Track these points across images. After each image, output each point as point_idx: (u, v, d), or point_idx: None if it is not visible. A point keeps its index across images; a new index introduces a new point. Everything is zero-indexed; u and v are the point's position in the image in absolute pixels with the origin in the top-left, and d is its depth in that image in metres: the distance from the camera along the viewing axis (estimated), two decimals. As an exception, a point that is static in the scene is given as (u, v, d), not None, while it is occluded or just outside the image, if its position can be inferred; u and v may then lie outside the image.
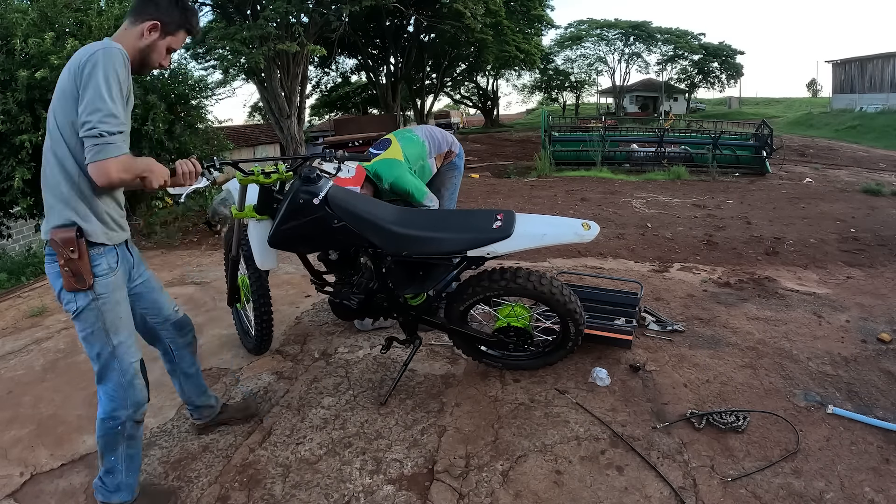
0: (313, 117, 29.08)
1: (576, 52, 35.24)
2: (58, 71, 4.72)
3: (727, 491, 1.72)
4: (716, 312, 3.10)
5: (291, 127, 12.80)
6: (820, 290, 3.48)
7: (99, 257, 1.54)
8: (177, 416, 2.30)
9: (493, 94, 34.16)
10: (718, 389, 2.29)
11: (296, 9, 10.91)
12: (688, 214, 5.94)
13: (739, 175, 9.17)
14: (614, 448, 1.95)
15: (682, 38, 32.75)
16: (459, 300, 2.24)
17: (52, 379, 2.70)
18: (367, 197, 2.46)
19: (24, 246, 7.71)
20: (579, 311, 2.23)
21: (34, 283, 4.49)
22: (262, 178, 2.15)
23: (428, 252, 2.10)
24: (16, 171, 4.77)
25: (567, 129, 12.75)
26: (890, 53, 20.52)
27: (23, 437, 2.21)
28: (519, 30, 23.70)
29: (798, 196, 7.02)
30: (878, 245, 4.57)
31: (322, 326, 3.11)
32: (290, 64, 12.29)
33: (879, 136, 16.37)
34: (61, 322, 3.45)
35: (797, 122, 23.63)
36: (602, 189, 7.74)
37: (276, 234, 2.11)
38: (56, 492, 1.89)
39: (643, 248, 4.61)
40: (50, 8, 5.28)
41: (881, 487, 1.72)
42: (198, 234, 5.86)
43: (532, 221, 2.10)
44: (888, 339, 2.70)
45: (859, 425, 2.02)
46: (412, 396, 2.34)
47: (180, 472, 1.95)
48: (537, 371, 2.45)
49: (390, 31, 21.40)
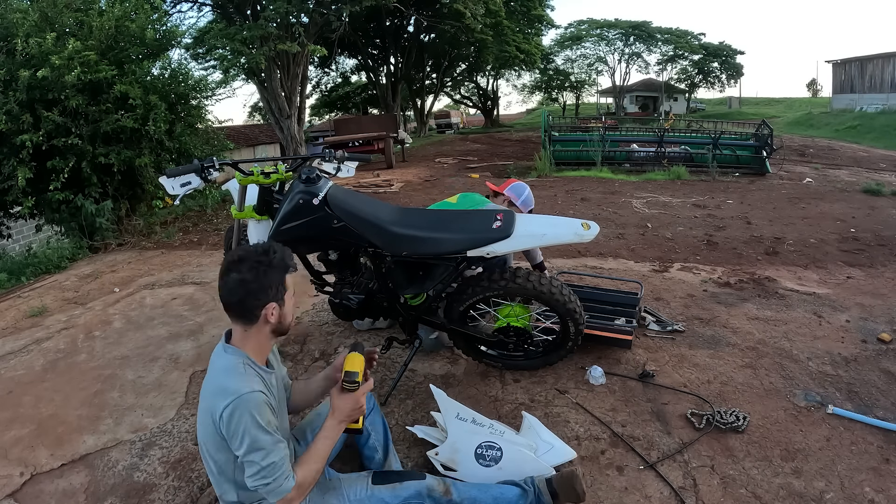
0: (313, 117, 29.09)
1: (576, 52, 35.22)
2: (58, 71, 4.77)
3: (727, 491, 1.72)
4: (716, 312, 3.10)
5: (291, 127, 12.81)
6: (820, 290, 3.48)
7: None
8: (177, 416, 2.30)
9: (493, 94, 34.14)
10: (719, 389, 2.29)
11: (296, 9, 10.93)
12: (688, 214, 5.94)
13: (739, 175, 9.16)
14: (614, 448, 1.95)
15: (682, 38, 32.71)
16: (459, 300, 2.24)
17: (52, 379, 2.70)
18: (367, 197, 2.46)
19: (24, 246, 7.70)
20: (579, 310, 2.23)
21: (34, 283, 4.50)
22: (262, 179, 2.16)
23: (428, 252, 2.10)
24: (17, 170, 4.78)
25: (567, 129, 12.72)
26: (890, 53, 20.51)
27: (23, 437, 2.21)
28: (519, 30, 23.71)
29: (798, 196, 7.02)
30: (878, 245, 4.57)
31: (322, 326, 3.11)
32: (290, 64, 12.30)
33: (879, 136, 16.36)
34: (61, 322, 3.45)
35: (797, 122, 23.62)
36: (602, 189, 7.73)
37: (275, 234, 2.11)
38: (56, 492, 1.90)
39: (643, 248, 4.61)
40: (50, 8, 5.28)
41: (881, 487, 1.72)
42: (198, 235, 5.86)
43: (532, 221, 2.10)
44: (888, 339, 2.69)
45: (859, 425, 2.02)
46: (412, 396, 2.34)
47: (180, 472, 1.95)
48: (537, 371, 2.45)
49: (390, 31, 21.42)
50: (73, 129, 5.09)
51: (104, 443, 2.15)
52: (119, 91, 5.21)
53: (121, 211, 5.94)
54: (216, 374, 1.41)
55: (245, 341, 1.45)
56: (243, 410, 1.31)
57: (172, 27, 6.77)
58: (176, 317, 3.42)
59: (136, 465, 2.01)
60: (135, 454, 2.07)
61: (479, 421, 1.76)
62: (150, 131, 5.48)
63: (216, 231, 5.95)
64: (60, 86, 4.91)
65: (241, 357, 1.42)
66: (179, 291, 3.90)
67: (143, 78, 5.76)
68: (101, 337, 3.18)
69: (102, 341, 3.11)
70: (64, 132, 5.04)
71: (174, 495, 1.84)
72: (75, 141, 5.01)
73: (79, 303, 3.83)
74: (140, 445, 2.12)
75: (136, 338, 3.13)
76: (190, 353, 2.89)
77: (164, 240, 5.64)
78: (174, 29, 6.70)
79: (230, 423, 1.30)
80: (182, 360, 2.83)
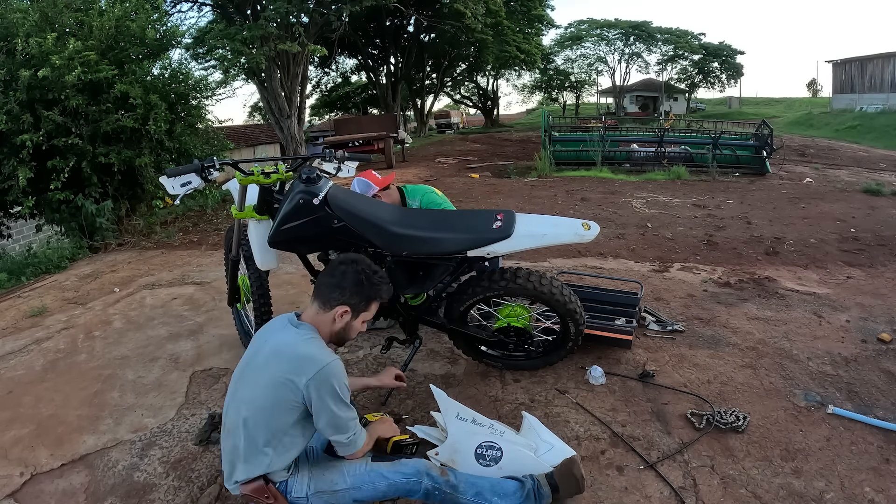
0: (313, 117, 29.08)
1: (576, 52, 35.19)
2: (59, 71, 4.77)
3: (727, 491, 1.72)
4: (716, 312, 3.10)
5: (291, 127, 12.80)
6: (820, 290, 3.48)
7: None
8: (177, 416, 2.30)
9: (493, 94, 34.13)
10: (719, 389, 2.29)
11: (296, 9, 10.93)
12: (688, 214, 5.94)
13: (739, 175, 9.16)
14: (614, 448, 1.95)
15: (682, 38, 32.70)
16: (459, 300, 2.24)
17: (52, 379, 2.70)
18: (367, 197, 2.46)
19: (24, 246, 7.70)
20: (579, 310, 2.23)
21: (34, 283, 4.50)
22: (262, 179, 2.15)
23: (428, 252, 2.10)
24: (18, 170, 4.78)
25: (567, 129, 12.72)
26: (890, 53, 20.49)
27: (23, 437, 2.21)
28: (519, 30, 23.72)
29: (798, 196, 7.02)
30: (878, 245, 4.56)
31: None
32: (290, 64, 12.30)
33: (879, 136, 16.36)
34: (61, 322, 3.45)
35: (797, 121, 23.61)
36: (602, 189, 7.73)
37: (276, 234, 2.11)
38: (56, 492, 1.90)
39: (643, 248, 4.61)
40: (51, 8, 5.28)
41: (881, 487, 1.72)
42: (198, 235, 5.86)
43: (532, 221, 2.10)
44: (888, 339, 2.69)
45: (859, 425, 2.02)
46: (412, 396, 2.34)
47: (180, 472, 1.95)
48: (537, 371, 2.45)
49: (390, 31, 21.41)
50: (73, 128, 5.09)
51: (104, 443, 2.15)
52: (119, 91, 5.22)
53: (121, 211, 5.94)
54: (294, 344, 1.50)
55: (317, 321, 1.57)
56: (335, 374, 1.46)
57: (173, 27, 6.78)
58: (176, 317, 3.42)
59: (136, 465, 2.01)
60: (135, 454, 2.07)
61: (479, 421, 1.76)
62: (150, 131, 5.48)
63: (216, 231, 5.96)
64: (61, 86, 4.91)
65: (316, 332, 1.55)
66: (179, 291, 3.90)
67: (144, 78, 5.76)
68: (101, 337, 3.18)
69: (102, 341, 3.11)
70: (64, 132, 5.04)
71: (174, 495, 1.85)
72: (75, 141, 5.01)
73: (79, 303, 3.83)
74: (140, 445, 2.12)
75: (136, 338, 3.13)
76: (190, 353, 2.89)
77: (165, 240, 5.64)
78: (174, 29, 6.71)
79: (320, 389, 1.43)
80: (182, 360, 2.83)
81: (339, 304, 1.56)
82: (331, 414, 1.45)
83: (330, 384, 1.44)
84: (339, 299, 1.56)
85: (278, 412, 1.46)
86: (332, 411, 1.45)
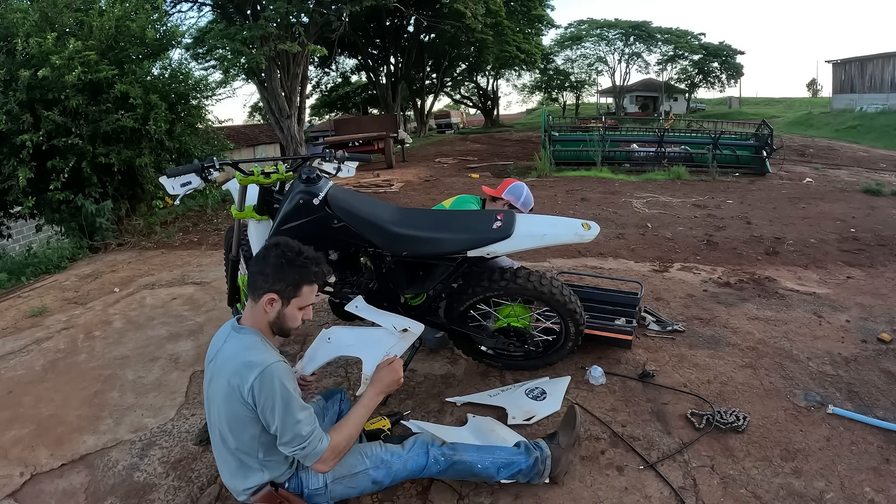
0: (313, 117, 29.06)
1: (576, 52, 35.18)
2: (59, 71, 4.77)
3: (727, 491, 1.72)
4: (716, 312, 3.10)
5: (291, 127, 12.80)
6: (820, 290, 3.48)
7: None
8: (177, 416, 2.30)
9: (493, 94, 34.12)
10: (719, 389, 2.29)
11: (296, 9, 10.92)
12: (688, 214, 5.94)
13: (739, 175, 9.16)
14: (614, 448, 1.95)
15: (682, 38, 32.69)
16: (459, 300, 2.23)
17: (52, 379, 2.70)
18: (368, 197, 2.46)
19: (24, 246, 7.70)
20: (579, 311, 2.23)
21: (34, 283, 4.50)
22: (262, 179, 2.15)
23: (428, 252, 2.10)
24: (18, 170, 4.78)
25: (567, 129, 12.72)
26: (890, 53, 20.49)
27: (23, 437, 2.21)
28: (519, 30, 23.70)
29: (798, 196, 7.02)
30: (878, 245, 4.56)
31: (322, 326, 3.10)
32: (290, 64, 12.29)
33: (879, 136, 16.35)
34: (61, 322, 3.45)
35: (797, 122, 23.60)
36: (602, 189, 7.73)
37: (276, 234, 2.10)
38: (56, 492, 1.90)
39: (643, 248, 4.61)
40: (50, 8, 5.28)
41: (881, 487, 1.72)
42: (198, 235, 5.86)
43: (532, 221, 2.10)
44: (888, 339, 2.69)
45: (859, 425, 2.02)
46: (412, 396, 2.34)
47: (180, 472, 1.95)
48: (537, 371, 2.45)
49: (390, 31, 21.41)
50: (73, 128, 5.09)
51: (104, 443, 2.15)
52: (119, 91, 5.21)
53: (121, 211, 5.94)
54: (235, 352, 1.44)
55: (254, 317, 1.50)
56: (273, 378, 1.37)
57: (172, 27, 6.77)
58: (176, 317, 3.42)
59: (136, 465, 2.01)
60: (135, 454, 2.07)
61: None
62: (150, 131, 5.48)
63: (216, 231, 5.96)
64: (60, 86, 4.91)
65: (258, 335, 1.48)
66: (179, 291, 3.90)
67: (144, 78, 5.75)
68: (101, 337, 3.18)
69: (102, 341, 3.11)
70: (64, 132, 5.04)
71: (174, 495, 1.84)
72: (75, 141, 5.01)
73: (79, 303, 3.83)
74: (140, 445, 2.12)
75: (136, 338, 3.13)
76: (190, 353, 2.89)
77: (164, 240, 5.64)
78: (174, 29, 6.70)
79: (261, 393, 1.36)
80: (182, 360, 2.83)
81: (265, 292, 1.47)
82: (279, 419, 1.37)
83: (271, 387, 1.36)
84: (264, 287, 1.47)
85: (241, 426, 1.41)
86: (280, 416, 1.37)
